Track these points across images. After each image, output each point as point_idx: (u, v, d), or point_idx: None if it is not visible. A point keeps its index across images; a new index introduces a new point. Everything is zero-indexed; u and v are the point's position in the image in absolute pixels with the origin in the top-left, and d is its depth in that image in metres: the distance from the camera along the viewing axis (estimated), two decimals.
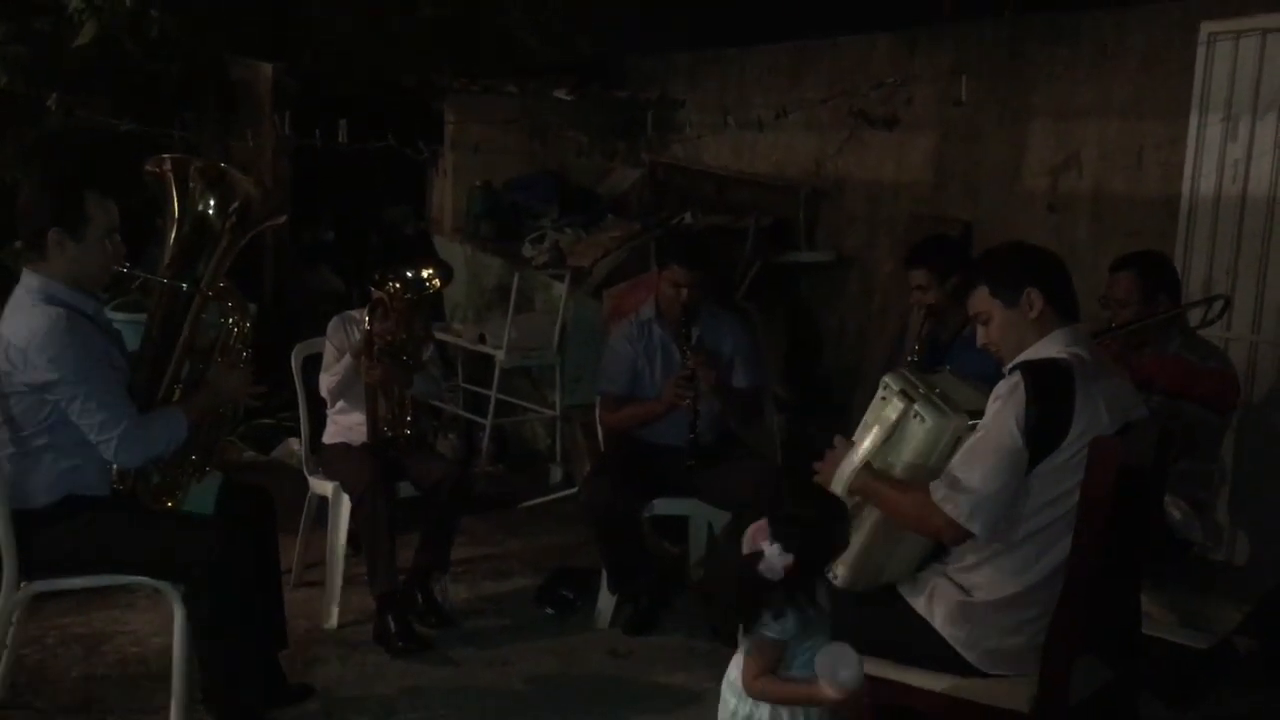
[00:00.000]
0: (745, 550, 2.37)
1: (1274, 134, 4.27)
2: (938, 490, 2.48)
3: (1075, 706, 2.54)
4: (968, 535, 2.49)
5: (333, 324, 4.17)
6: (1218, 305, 3.70)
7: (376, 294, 4.01)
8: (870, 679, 2.70)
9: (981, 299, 2.67)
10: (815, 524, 2.36)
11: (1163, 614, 3.12)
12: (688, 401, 3.98)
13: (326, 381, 4.11)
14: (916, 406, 2.56)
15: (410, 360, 4.03)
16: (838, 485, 2.64)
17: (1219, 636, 3.09)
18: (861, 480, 2.61)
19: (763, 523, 2.37)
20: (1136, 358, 3.34)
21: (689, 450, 4.04)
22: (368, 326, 3.99)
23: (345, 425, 4.16)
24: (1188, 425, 3.26)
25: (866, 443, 2.62)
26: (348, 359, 4.03)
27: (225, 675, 3.05)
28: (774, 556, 2.31)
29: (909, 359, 3.92)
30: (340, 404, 4.16)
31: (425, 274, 4.08)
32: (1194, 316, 3.73)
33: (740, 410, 4.25)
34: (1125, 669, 2.74)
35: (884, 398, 2.64)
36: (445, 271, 4.25)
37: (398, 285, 3.98)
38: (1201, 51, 4.43)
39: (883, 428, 2.60)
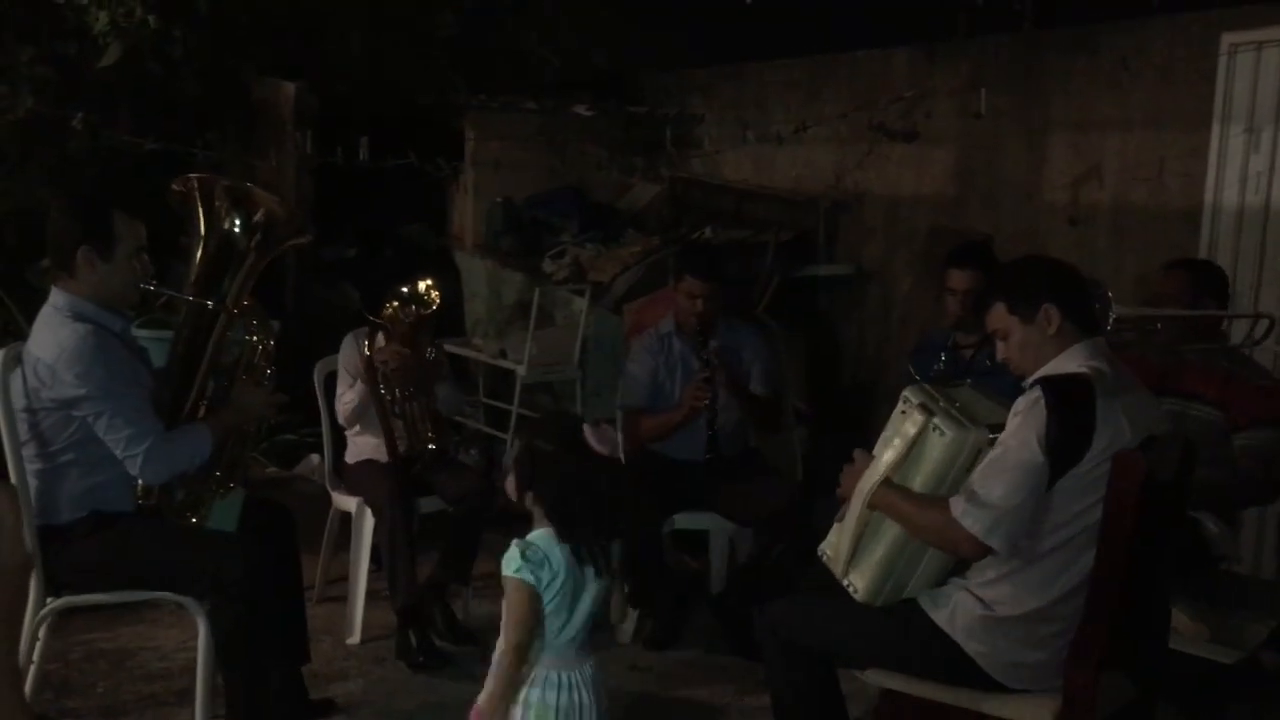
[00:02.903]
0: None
1: None
2: (957, 505, 2.47)
3: None
4: (988, 550, 2.48)
5: (345, 344, 4.13)
6: (1264, 324, 3.60)
7: (378, 320, 3.98)
8: (893, 694, 2.71)
9: (999, 316, 2.66)
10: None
11: (1189, 628, 3.10)
12: (706, 403, 3.98)
13: (342, 409, 4.09)
14: (936, 420, 2.55)
15: (419, 381, 4.01)
16: (857, 499, 2.63)
17: (1245, 651, 3.06)
18: (881, 495, 2.60)
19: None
20: (1177, 364, 3.32)
21: (707, 447, 4.05)
22: (367, 352, 3.97)
23: (365, 446, 4.15)
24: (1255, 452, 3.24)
25: (887, 456, 2.61)
26: (360, 386, 4.02)
27: (248, 690, 3.06)
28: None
29: (935, 368, 3.89)
30: (358, 428, 4.16)
31: (422, 288, 4.01)
32: (1236, 336, 3.70)
33: (759, 417, 4.25)
34: (1148, 684, 2.72)
35: (904, 411, 2.63)
36: (444, 282, 4.18)
37: (396, 306, 3.94)
38: (1223, 63, 4.41)
39: (903, 441, 2.59)
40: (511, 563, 2.41)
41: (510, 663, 2.41)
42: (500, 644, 2.43)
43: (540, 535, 2.47)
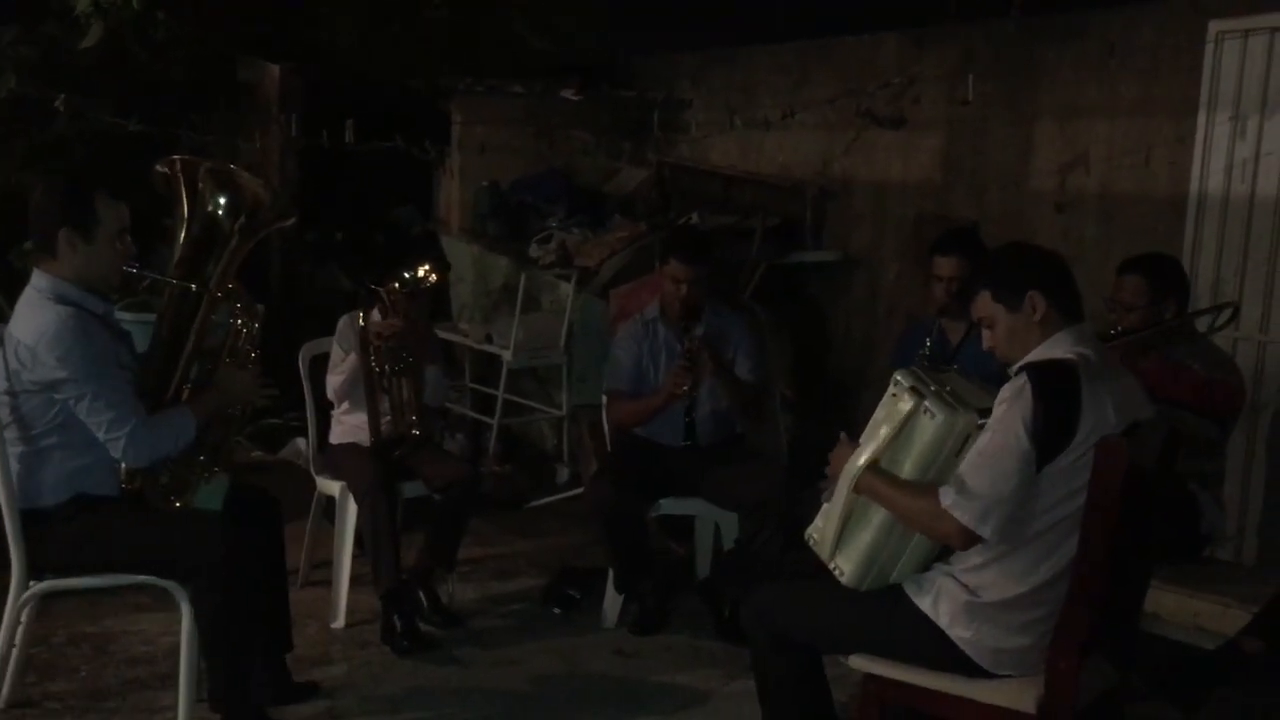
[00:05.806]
0: None
1: None
2: (947, 495, 2.47)
3: (1083, 709, 2.54)
4: (977, 540, 2.49)
5: (341, 324, 4.17)
6: (1226, 313, 3.64)
7: (376, 290, 4.04)
8: (876, 679, 2.72)
9: (984, 304, 2.66)
10: None
11: (1170, 614, 3.12)
12: (686, 388, 3.98)
13: (333, 382, 4.12)
14: (927, 403, 2.55)
15: (411, 356, 4.04)
16: (843, 483, 2.64)
17: (1227, 637, 3.08)
18: (867, 480, 2.60)
19: None
20: (1141, 364, 3.31)
21: (684, 434, 4.08)
22: (362, 323, 4.01)
23: (352, 425, 4.17)
24: (1190, 433, 3.24)
25: (876, 440, 2.62)
26: (354, 358, 4.05)
27: (231, 674, 3.06)
28: None
29: (920, 353, 3.88)
30: (346, 404, 4.17)
31: (422, 270, 4.09)
32: (1202, 323, 3.70)
33: (743, 402, 4.25)
34: (1124, 666, 2.73)
35: (894, 394, 2.63)
36: (442, 265, 4.29)
37: (396, 284, 4.01)
38: (1210, 50, 4.42)
39: (893, 424, 2.59)
40: None
41: None
42: None
43: None
